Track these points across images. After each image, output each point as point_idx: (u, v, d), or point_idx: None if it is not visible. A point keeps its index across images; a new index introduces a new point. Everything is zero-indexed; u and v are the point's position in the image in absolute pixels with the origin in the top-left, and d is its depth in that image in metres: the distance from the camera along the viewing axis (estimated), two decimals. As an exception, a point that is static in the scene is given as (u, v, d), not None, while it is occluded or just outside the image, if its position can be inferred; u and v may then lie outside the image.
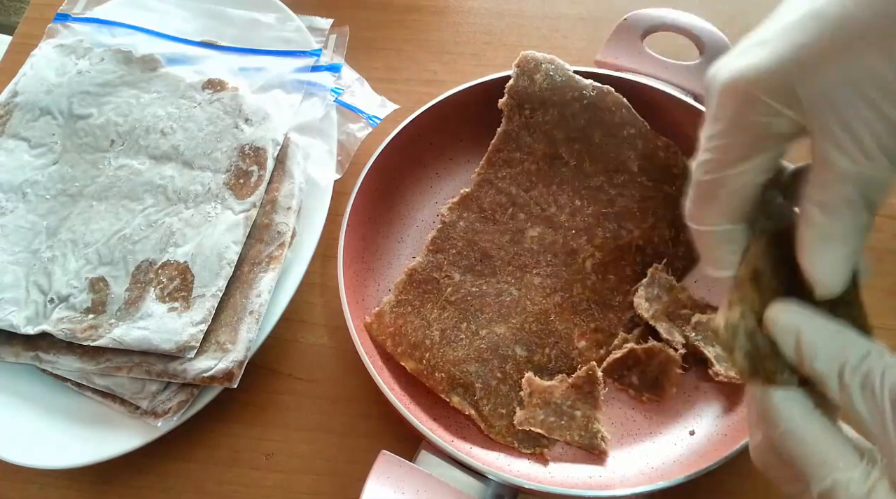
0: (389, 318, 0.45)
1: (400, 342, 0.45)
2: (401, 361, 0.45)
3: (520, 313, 0.46)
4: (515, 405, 0.44)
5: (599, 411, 0.44)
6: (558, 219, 0.49)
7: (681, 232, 0.48)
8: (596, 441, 0.43)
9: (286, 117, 0.51)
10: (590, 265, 0.48)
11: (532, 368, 0.45)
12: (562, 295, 0.47)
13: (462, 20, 0.64)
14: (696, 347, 0.44)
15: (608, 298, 0.47)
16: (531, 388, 0.44)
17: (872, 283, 0.50)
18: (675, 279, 0.47)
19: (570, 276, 0.47)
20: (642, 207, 0.48)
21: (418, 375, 0.45)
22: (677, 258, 0.48)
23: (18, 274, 0.46)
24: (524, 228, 0.49)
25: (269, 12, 0.57)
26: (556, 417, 0.43)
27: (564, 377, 0.44)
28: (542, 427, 0.43)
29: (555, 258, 0.48)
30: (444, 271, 0.47)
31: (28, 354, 0.44)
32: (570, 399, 0.44)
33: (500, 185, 0.49)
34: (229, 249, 0.45)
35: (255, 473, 0.46)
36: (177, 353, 0.42)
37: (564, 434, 0.43)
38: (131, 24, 0.57)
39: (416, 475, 0.38)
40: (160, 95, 0.51)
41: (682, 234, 0.48)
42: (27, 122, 0.51)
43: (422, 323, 0.45)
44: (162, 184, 0.48)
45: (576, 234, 0.48)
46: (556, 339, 0.46)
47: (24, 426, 0.44)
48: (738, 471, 0.44)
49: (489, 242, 0.48)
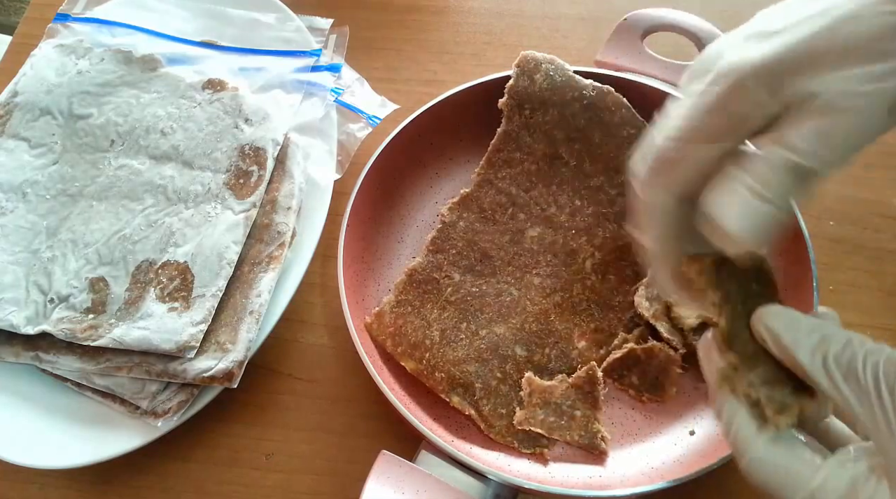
0: (389, 318, 0.45)
1: (400, 342, 0.45)
2: (401, 361, 0.45)
3: (520, 313, 0.46)
4: (515, 405, 0.44)
5: (599, 411, 0.44)
6: (558, 219, 0.49)
7: None
8: (596, 441, 0.43)
9: (286, 117, 0.51)
10: (590, 265, 0.48)
11: (532, 369, 0.45)
12: (562, 295, 0.47)
13: (462, 20, 0.64)
14: (696, 346, 0.44)
15: (608, 298, 0.47)
16: (531, 387, 0.44)
17: (872, 283, 0.51)
18: None
19: (570, 276, 0.47)
20: None
21: (418, 375, 0.45)
22: None
23: (18, 274, 0.46)
24: (524, 228, 0.49)
25: (269, 12, 0.57)
26: (556, 417, 0.43)
27: (564, 377, 0.44)
28: (542, 427, 0.43)
29: (555, 258, 0.48)
30: (444, 271, 0.47)
31: (28, 354, 0.44)
32: (571, 399, 0.44)
33: (500, 185, 0.49)
34: (229, 249, 0.45)
35: (255, 473, 0.46)
36: (177, 353, 0.42)
37: (564, 434, 0.43)
38: (131, 24, 0.57)
39: (416, 475, 0.38)
40: (160, 95, 0.51)
41: None
42: (27, 122, 0.51)
43: (422, 323, 0.45)
44: (162, 184, 0.48)
45: (576, 234, 0.48)
46: (556, 339, 0.46)
47: (24, 426, 0.44)
48: (738, 471, 0.44)
49: (489, 242, 0.48)
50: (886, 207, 0.53)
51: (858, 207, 0.53)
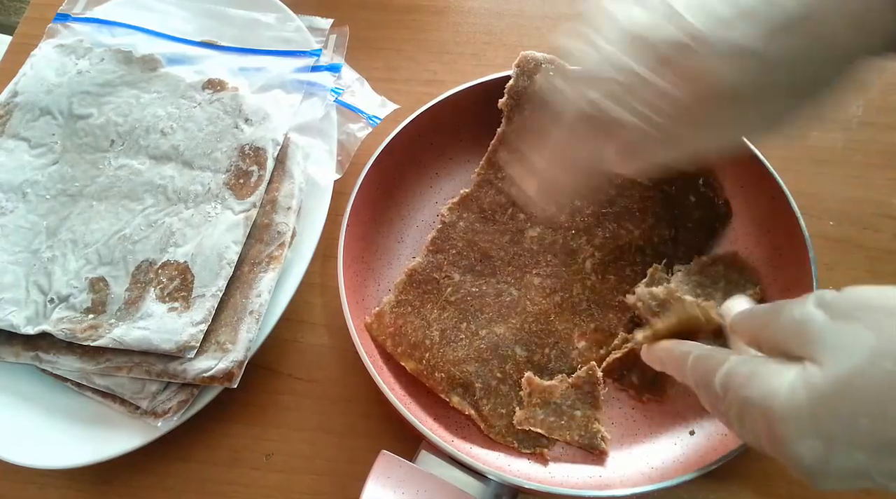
0: (389, 318, 0.45)
1: (400, 342, 0.45)
2: (401, 361, 0.45)
3: (520, 313, 0.46)
4: (515, 405, 0.44)
5: (599, 410, 0.44)
6: (558, 219, 0.49)
7: (680, 232, 0.48)
8: (596, 441, 0.43)
9: (286, 117, 0.51)
10: (590, 265, 0.48)
11: (532, 368, 0.45)
12: (561, 295, 0.47)
13: (462, 20, 0.64)
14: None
15: (608, 299, 0.47)
16: (531, 387, 0.44)
17: (872, 283, 0.50)
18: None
19: (569, 276, 0.47)
20: (642, 207, 0.48)
21: (418, 375, 0.45)
22: (677, 258, 0.48)
23: (18, 274, 0.46)
24: (524, 229, 0.49)
25: (269, 12, 0.57)
26: (556, 416, 0.43)
27: (564, 377, 0.44)
28: (542, 427, 0.43)
29: (554, 258, 0.48)
30: (444, 272, 0.47)
31: (28, 354, 0.44)
32: (570, 399, 0.44)
33: (500, 185, 0.49)
34: (229, 249, 0.45)
35: (255, 473, 0.46)
36: (177, 353, 0.42)
37: (564, 434, 0.43)
38: (131, 24, 0.57)
39: (416, 475, 0.38)
40: (160, 95, 0.51)
41: (681, 233, 0.48)
42: (27, 122, 0.51)
43: (422, 323, 0.45)
44: (162, 184, 0.48)
45: (576, 234, 0.48)
46: (556, 339, 0.46)
47: (24, 426, 0.44)
48: (738, 471, 0.44)
49: (489, 242, 0.48)
50: (886, 207, 0.53)
51: (858, 207, 0.53)
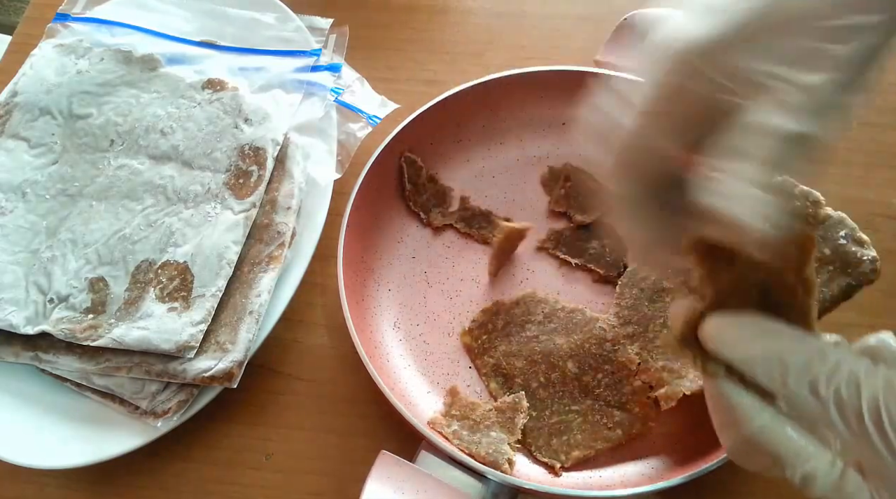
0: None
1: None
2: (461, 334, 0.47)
3: (585, 333, 0.46)
4: (547, 411, 0.44)
5: (514, 437, 0.43)
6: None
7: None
8: (500, 461, 0.41)
9: (286, 117, 0.51)
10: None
11: (578, 387, 0.44)
12: (635, 328, 0.46)
13: (462, 20, 0.64)
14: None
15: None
16: (453, 399, 0.44)
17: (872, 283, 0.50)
18: None
19: (651, 312, 0.46)
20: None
21: (468, 350, 0.46)
22: None
23: (18, 274, 0.46)
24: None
25: (268, 12, 0.57)
26: (470, 432, 0.42)
27: (490, 399, 0.45)
28: (452, 437, 0.42)
29: (641, 293, 0.47)
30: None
31: (28, 355, 0.44)
32: (490, 420, 0.43)
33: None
34: (229, 249, 0.45)
35: (255, 473, 0.46)
36: (176, 353, 0.42)
37: (471, 447, 0.41)
38: (131, 24, 0.57)
39: (416, 475, 0.38)
40: (160, 95, 0.51)
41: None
42: (27, 122, 0.51)
43: (493, 308, 0.48)
44: (162, 184, 0.48)
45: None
46: (614, 369, 0.45)
47: (24, 426, 0.44)
48: (738, 471, 0.44)
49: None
50: (886, 207, 0.53)
51: (858, 207, 0.53)
